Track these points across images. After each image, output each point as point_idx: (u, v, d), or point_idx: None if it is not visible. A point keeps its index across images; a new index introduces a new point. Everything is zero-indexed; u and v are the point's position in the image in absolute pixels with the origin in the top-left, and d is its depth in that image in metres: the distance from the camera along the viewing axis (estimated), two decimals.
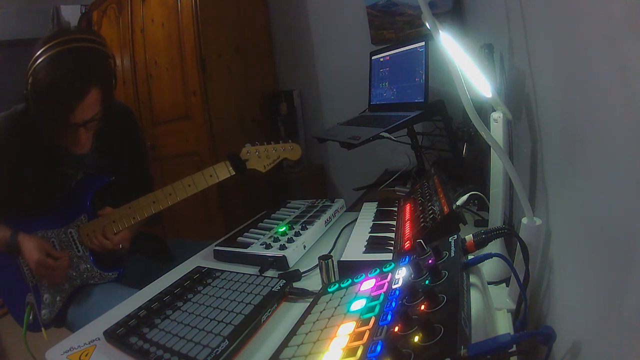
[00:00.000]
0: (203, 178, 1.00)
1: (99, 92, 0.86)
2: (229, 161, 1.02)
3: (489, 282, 0.67)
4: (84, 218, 0.97)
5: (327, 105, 2.08)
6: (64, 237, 0.96)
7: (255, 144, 1.06)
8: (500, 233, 0.49)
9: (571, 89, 0.49)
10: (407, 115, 1.21)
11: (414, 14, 1.68)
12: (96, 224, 0.96)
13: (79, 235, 0.96)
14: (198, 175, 1.00)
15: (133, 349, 0.56)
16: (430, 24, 0.51)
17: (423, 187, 0.92)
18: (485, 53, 0.75)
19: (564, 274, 0.54)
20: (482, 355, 0.31)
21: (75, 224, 0.97)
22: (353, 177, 1.81)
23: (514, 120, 0.74)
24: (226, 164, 1.02)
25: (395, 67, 1.45)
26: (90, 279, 0.97)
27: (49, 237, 0.95)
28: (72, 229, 0.96)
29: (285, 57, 2.16)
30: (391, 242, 0.76)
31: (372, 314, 0.43)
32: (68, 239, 0.96)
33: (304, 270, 0.77)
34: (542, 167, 0.65)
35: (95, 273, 0.97)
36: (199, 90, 1.78)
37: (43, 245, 0.91)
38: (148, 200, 0.98)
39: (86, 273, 0.96)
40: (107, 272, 0.98)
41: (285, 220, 0.99)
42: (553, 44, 0.55)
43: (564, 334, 0.47)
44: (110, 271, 0.98)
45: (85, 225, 0.97)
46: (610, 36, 0.37)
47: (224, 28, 1.87)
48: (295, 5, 2.04)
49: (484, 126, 0.51)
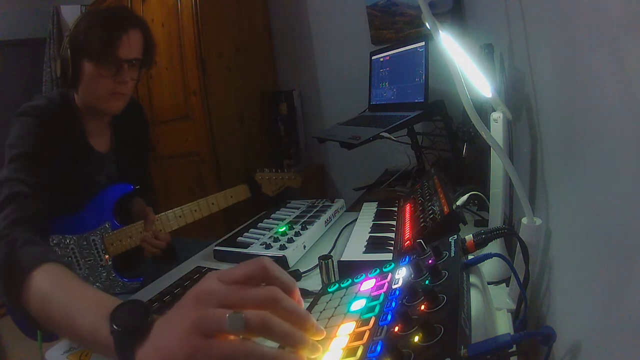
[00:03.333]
0: (225, 198, 1.17)
1: (140, 34, 0.89)
2: (248, 185, 1.19)
3: (489, 282, 0.67)
4: (108, 225, 0.94)
5: (327, 105, 2.08)
6: (84, 244, 0.91)
7: (264, 170, 1.23)
8: (500, 233, 0.49)
9: (571, 89, 0.49)
10: (407, 115, 1.21)
11: (414, 14, 1.68)
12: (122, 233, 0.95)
13: (102, 242, 0.93)
14: (221, 195, 1.16)
15: None
16: (430, 24, 0.51)
17: (423, 187, 0.92)
18: (485, 53, 0.75)
19: (564, 274, 0.54)
20: (482, 355, 0.31)
21: (98, 231, 0.93)
22: (353, 177, 1.81)
23: (514, 120, 0.74)
24: (244, 188, 1.19)
25: (395, 67, 1.45)
26: (112, 288, 0.93)
27: (68, 244, 0.90)
28: (94, 237, 0.92)
29: (285, 57, 2.16)
30: (391, 242, 0.76)
31: (372, 314, 0.43)
32: (90, 246, 0.92)
33: (304, 270, 0.77)
34: (542, 167, 0.65)
35: (117, 282, 0.93)
36: (199, 90, 1.78)
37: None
38: (175, 214, 1.05)
39: (108, 282, 0.93)
40: (130, 282, 0.94)
41: (285, 220, 0.99)
42: (553, 44, 0.55)
43: (564, 334, 0.47)
44: (132, 280, 0.95)
45: (111, 234, 0.94)
46: (610, 36, 0.37)
47: (224, 28, 1.87)
48: (295, 5, 2.04)
49: (484, 126, 0.51)
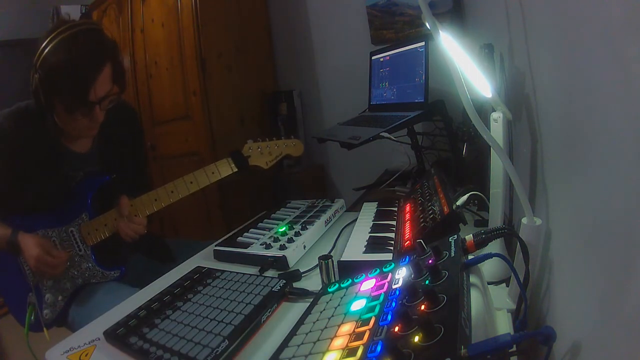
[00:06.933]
0: (205, 175, 0.99)
1: (111, 68, 0.89)
2: (231, 158, 1.02)
3: (489, 282, 0.67)
4: (85, 217, 0.97)
5: (327, 105, 2.08)
6: (64, 236, 0.96)
7: (257, 140, 1.05)
8: (500, 233, 0.49)
9: (571, 89, 0.49)
10: (407, 115, 1.21)
11: (414, 14, 1.68)
12: (97, 222, 0.96)
13: (80, 233, 0.96)
14: (200, 172, 0.99)
15: (133, 349, 0.56)
16: (430, 24, 0.51)
17: (423, 187, 0.92)
18: (485, 53, 0.75)
19: (564, 274, 0.54)
20: (482, 355, 0.31)
21: (76, 223, 0.97)
22: (353, 177, 1.81)
23: (514, 120, 0.74)
24: (228, 160, 1.01)
25: (395, 67, 1.45)
26: (92, 278, 0.96)
27: (50, 236, 0.95)
28: (72, 228, 0.96)
29: (285, 57, 2.16)
30: (391, 242, 0.76)
31: (372, 314, 0.43)
32: (69, 237, 0.96)
33: (304, 270, 0.77)
34: (542, 167, 0.65)
35: (97, 272, 0.97)
36: (199, 90, 1.78)
37: (43, 242, 0.92)
38: (150, 197, 0.98)
39: (88, 272, 0.96)
40: (109, 271, 0.97)
41: (285, 220, 0.99)
42: (553, 43, 0.55)
43: (564, 334, 0.47)
44: (112, 270, 0.98)
45: (87, 223, 0.97)
46: (611, 36, 0.37)
47: (224, 28, 1.87)
48: (295, 5, 2.04)
49: (484, 126, 0.51)
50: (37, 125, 0.92)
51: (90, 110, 0.89)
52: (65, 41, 0.82)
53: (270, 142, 1.07)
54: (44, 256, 0.89)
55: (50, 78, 0.83)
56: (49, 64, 0.82)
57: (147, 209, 0.98)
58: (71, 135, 0.97)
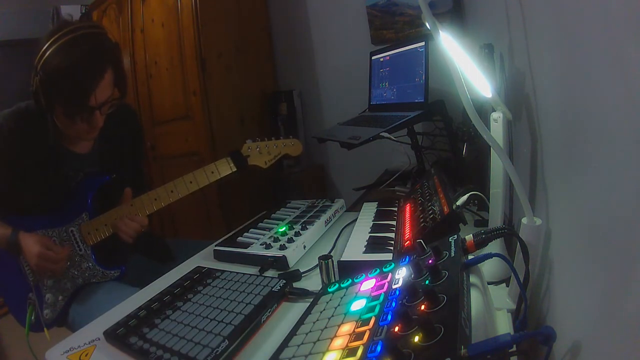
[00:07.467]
0: (204, 174, 1.00)
1: (112, 73, 0.89)
2: (231, 157, 1.03)
3: (489, 282, 0.67)
4: (85, 216, 0.97)
5: (327, 105, 2.08)
6: (65, 236, 0.96)
7: (256, 140, 1.06)
8: (500, 233, 0.49)
9: (571, 89, 0.49)
10: (407, 115, 1.21)
11: (414, 14, 1.68)
12: (98, 222, 0.97)
13: (80, 233, 0.96)
14: (199, 172, 1.00)
15: (133, 349, 0.56)
16: (430, 24, 0.51)
17: (423, 187, 0.92)
18: (485, 53, 0.75)
19: (564, 274, 0.54)
20: (482, 355, 0.31)
21: (76, 223, 0.97)
22: (353, 177, 1.81)
23: (514, 120, 0.74)
24: (227, 160, 1.02)
25: (395, 67, 1.45)
26: (92, 277, 0.97)
27: (50, 236, 0.95)
28: (73, 228, 0.96)
29: (285, 57, 2.16)
30: (391, 242, 0.76)
31: (372, 314, 0.43)
32: (69, 237, 0.96)
33: (304, 270, 0.77)
34: (542, 167, 0.65)
35: (97, 272, 0.97)
36: (199, 90, 1.78)
37: (43, 239, 0.92)
38: (150, 197, 0.98)
39: (88, 272, 0.96)
40: (109, 271, 0.98)
41: (285, 220, 0.99)
42: (553, 43, 0.55)
43: (564, 334, 0.47)
44: (112, 269, 0.98)
45: (87, 223, 0.97)
46: (611, 36, 0.37)
47: (224, 28, 1.87)
48: (295, 5, 2.04)
49: (484, 126, 0.51)
50: (37, 126, 0.92)
51: (90, 115, 0.89)
52: (67, 45, 0.81)
53: (269, 141, 1.07)
54: (45, 251, 0.89)
55: (51, 81, 0.82)
56: (50, 68, 0.82)
57: (147, 208, 0.98)
58: (71, 137, 0.97)
